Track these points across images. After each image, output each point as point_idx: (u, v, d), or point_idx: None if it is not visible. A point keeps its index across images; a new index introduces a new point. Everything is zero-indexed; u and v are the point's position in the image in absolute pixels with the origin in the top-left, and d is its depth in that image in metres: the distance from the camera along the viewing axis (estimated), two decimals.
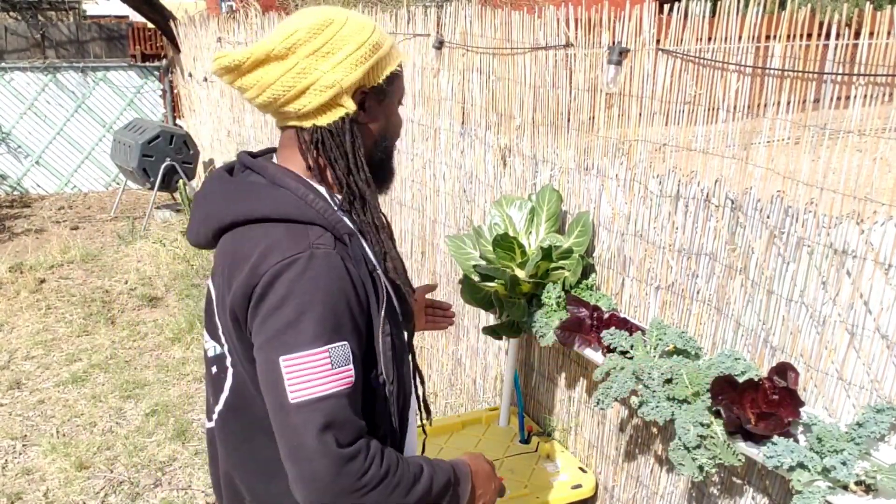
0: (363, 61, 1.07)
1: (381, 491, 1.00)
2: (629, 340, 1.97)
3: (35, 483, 2.98)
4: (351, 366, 1.02)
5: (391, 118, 1.16)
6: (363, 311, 1.06)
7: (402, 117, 1.20)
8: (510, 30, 2.51)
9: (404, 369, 1.18)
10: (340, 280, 1.02)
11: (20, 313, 4.65)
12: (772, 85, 1.72)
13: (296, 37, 1.04)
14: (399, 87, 1.16)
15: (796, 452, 1.51)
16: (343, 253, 1.05)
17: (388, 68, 1.11)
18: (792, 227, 1.67)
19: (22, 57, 8.01)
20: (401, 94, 1.17)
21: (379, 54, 1.09)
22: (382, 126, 1.15)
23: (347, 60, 1.06)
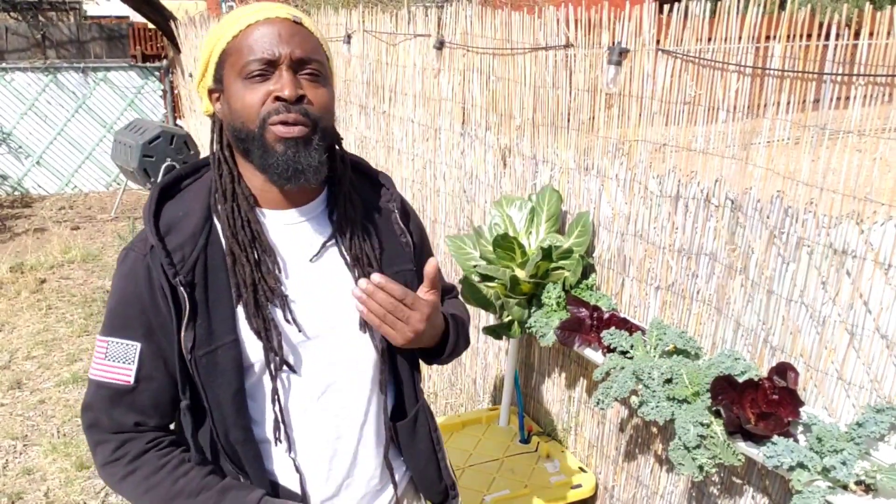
0: (202, 61, 1.08)
1: (128, 487, 1.06)
2: (629, 340, 1.97)
3: (36, 483, 2.98)
4: (131, 366, 1.05)
5: (230, 102, 1.05)
6: (161, 321, 1.05)
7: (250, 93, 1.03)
8: (510, 30, 2.52)
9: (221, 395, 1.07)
10: (136, 285, 1.05)
11: (21, 313, 4.65)
12: (772, 85, 1.72)
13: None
14: (230, 68, 1.03)
15: (796, 452, 1.51)
16: (151, 260, 1.04)
17: (215, 56, 1.05)
18: (792, 227, 1.68)
19: (23, 57, 8.01)
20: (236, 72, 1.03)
21: (207, 49, 1.06)
22: (226, 115, 1.07)
23: (198, 63, 1.11)
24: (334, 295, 1.13)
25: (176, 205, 1.09)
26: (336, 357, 1.13)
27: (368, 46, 3.60)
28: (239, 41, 1.02)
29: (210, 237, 1.07)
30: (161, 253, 1.03)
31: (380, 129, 3.64)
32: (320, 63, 1.05)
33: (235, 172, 1.09)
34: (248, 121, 1.02)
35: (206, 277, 1.06)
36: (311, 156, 1.04)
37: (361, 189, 1.20)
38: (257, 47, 1.01)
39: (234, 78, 1.03)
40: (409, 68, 3.24)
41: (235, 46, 1.02)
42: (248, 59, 1.01)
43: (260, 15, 1.02)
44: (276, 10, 1.03)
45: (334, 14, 4.00)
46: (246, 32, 1.02)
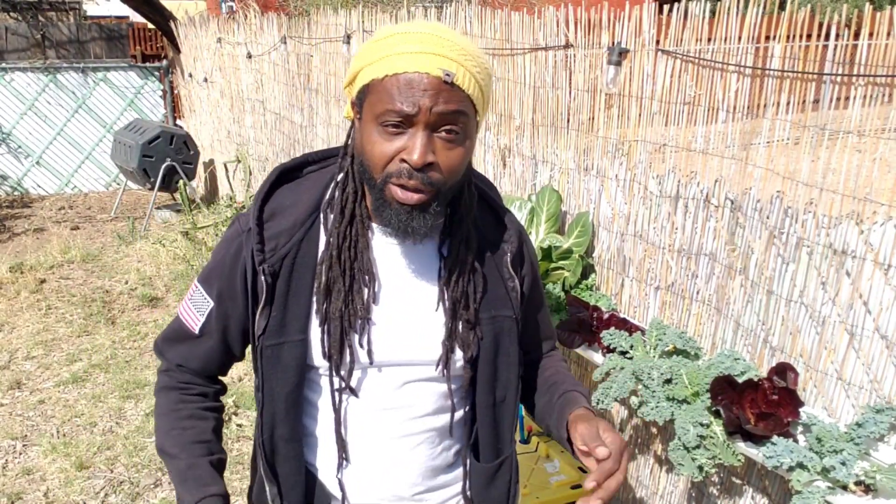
0: (351, 69, 1.04)
1: (156, 405, 1.18)
2: (629, 340, 1.97)
3: (35, 483, 2.98)
4: (201, 318, 1.13)
5: (362, 135, 1.00)
6: (232, 294, 1.10)
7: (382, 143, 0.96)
8: (510, 30, 2.51)
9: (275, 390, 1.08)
10: (226, 253, 1.10)
11: (20, 313, 4.65)
12: (771, 85, 1.72)
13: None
14: (370, 104, 0.96)
15: (796, 452, 1.51)
16: (245, 240, 1.07)
17: (362, 80, 0.99)
18: (791, 228, 1.68)
19: (22, 57, 8.01)
20: (373, 112, 0.96)
21: (356, 65, 1.01)
22: (360, 140, 1.01)
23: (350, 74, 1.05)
24: (421, 329, 1.09)
25: (289, 192, 1.09)
26: (407, 394, 1.10)
27: None
28: (382, 84, 0.94)
29: (309, 233, 1.07)
30: (255, 238, 1.05)
31: None
32: (465, 120, 0.96)
33: (360, 191, 1.05)
34: (373, 168, 0.97)
35: (292, 272, 1.06)
36: (426, 220, 0.99)
37: (482, 222, 1.14)
38: (397, 98, 0.93)
39: (371, 119, 0.96)
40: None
41: (378, 87, 0.95)
42: (386, 107, 0.94)
43: (410, 65, 0.93)
44: (427, 62, 0.93)
45: (333, 14, 4.00)
46: (391, 80, 0.94)
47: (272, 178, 1.09)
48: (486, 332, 1.11)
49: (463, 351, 1.09)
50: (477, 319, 1.10)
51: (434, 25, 0.98)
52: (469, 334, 1.09)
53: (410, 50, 0.94)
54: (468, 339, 1.09)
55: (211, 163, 7.08)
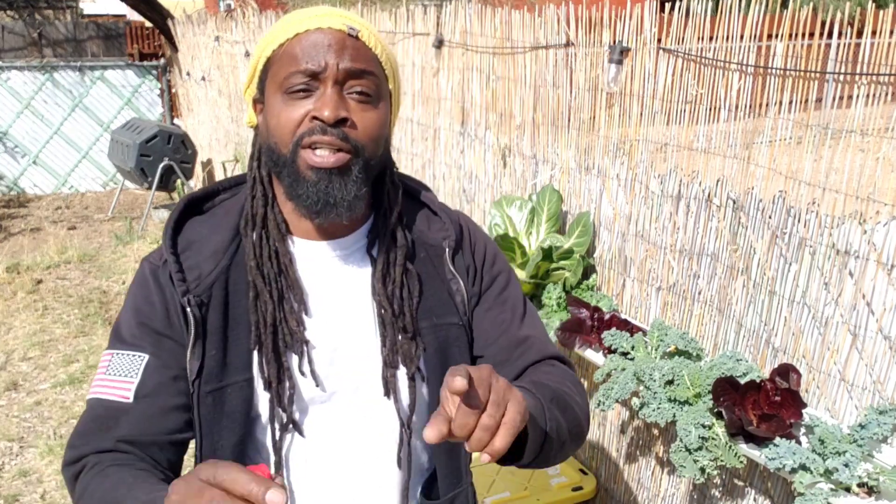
0: (250, 68, 0.96)
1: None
2: (630, 341, 1.96)
3: (32, 485, 2.96)
4: (132, 380, 0.92)
5: (267, 117, 0.94)
6: (173, 333, 0.94)
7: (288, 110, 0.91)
8: (510, 29, 2.50)
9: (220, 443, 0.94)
10: (148, 294, 0.95)
11: (17, 314, 4.63)
12: (774, 84, 1.71)
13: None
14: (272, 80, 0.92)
15: (798, 454, 1.50)
16: (163, 274, 0.95)
17: (260, 64, 0.94)
18: (794, 228, 1.66)
19: (19, 56, 7.99)
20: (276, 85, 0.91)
21: (255, 55, 0.95)
22: (265, 129, 0.95)
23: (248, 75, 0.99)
24: (359, 348, 0.97)
25: (203, 223, 0.99)
26: (353, 422, 0.98)
27: None
28: (284, 50, 0.90)
29: (235, 258, 0.96)
30: (173, 267, 0.94)
31: None
32: (375, 80, 0.91)
33: (270, 195, 0.97)
34: (282, 142, 0.90)
35: (226, 302, 0.94)
36: (348, 188, 0.90)
37: (414, 222, 1.03)
38: (302, 57, 0.88)
39: (275, 91, 0.91)
40: (407, 67, 3.23)
41: (280, 55, 0.90)
42: (289, 70, 0.89)
43: (311, 23, 0.89)
44: (330, 19, 0.90)
45: None
46: (293, 42, 0.89)
47: (180, 207, 0.98)
48: (429, 342, 0.98)
49: (405, 366, 0.97)
50: (416, 329, 0.97)
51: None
52: (410, 346, 0.96)
53: (310, 15, 0.91)
54: (409, 352, 0.97)
55: (209, 162, 7.06)
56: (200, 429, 0.94)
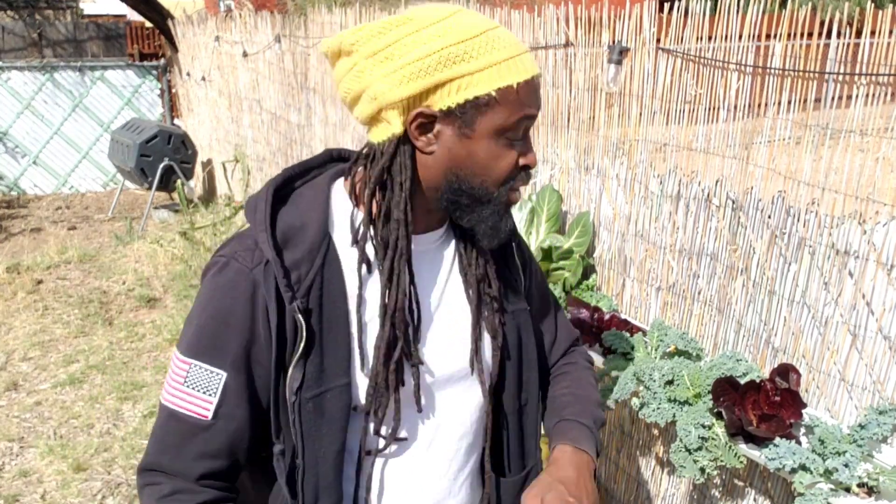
0: (420, 75, 0.84)
1: None
2: (630, 341, 1.96)
3: (32, 485, 2.96)
4: (212, 398, 0.90)
5: (474, 154, 0.88)
6: (257, 350, 0.91)
7: (505, 156, 0.89)
8: (510, 29, 2.50)
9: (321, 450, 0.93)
10: (235, 302, 0.90)
11: (17, 314, 4.63)
12: (773, 84, 1.70)
13: (363, 32, 0.87)
14: (491, 118, 0.86)
15: (798, 454, 1.50)
16: (259, 277, 0.89)
17: (468, 91, 0.84)
18: (794, 228, 1.66)
19: (19, 56, 7.99)
20: (498, 126, 0.87)
21: (453, 71, 0.84)
22: (454, 160, 0.88)
23: (400, 72, 0.84)
24: (454, 332, 1.00)
25: (292, 211, 0.94)
26: (447, 405, 1.01)
27: None
28: (517, 92, 0.86)
29: (328, 256, 0.92)
30: (279, 271, 0.88)
31: None
32: None
33: (409, 217, 0.92)
34: (491, 182, 0.90)
35: (322, 305, 0.91)
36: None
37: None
38: (531, 103, 0.88)
39: (491, 132, 0.87)
40: None
41: (509, 96, 0.86)
42: (519, 115, 0.87)
43: (533, 68, 0.88)
44: (535, 64, 0.90)
45: (328, 13, 3.98)
46: (524, 87, 0.87)
47: (269, 198, 0.93)
48: (510, 325, 1.04)
49: (493, 337, 1.01)
50: (502, 307, 1.03)
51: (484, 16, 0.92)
52: (495, 319, 1.01)
53: (519, 51, 0.88)
54: (495, 325, 1.01)
55: (209, 162, 7.06)
56: (302, 436, 0.92)
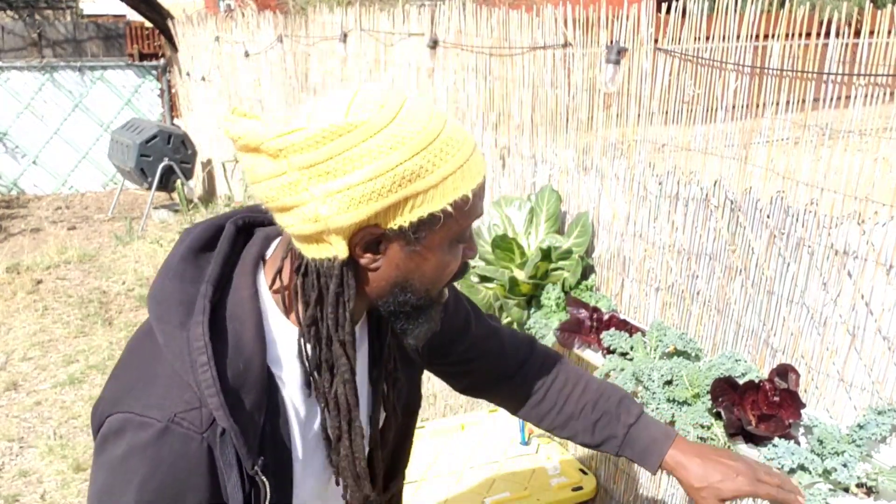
0: (372, 198, 0.74)
1: None
2: (629, 342, 1.96)
3: (32, 485, 2.96)
4: None
5: (423, 266, 0.81)
6: None
7: (454, 259, 0.85)
8: (508, 29, 2.50)
9: None
10: (195, 477, 0.78)
11: (17, 314, 4.63)
12: (771, 84, 1.70)
13: (294, 138, 0.73)
14: (444, 231, 0.79)
15: (797, 454, 1.50)
16: (213, 442, 0.77)
17: (422, 208, 0.76)
18: (792, 228, 1.66)
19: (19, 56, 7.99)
20: (451, 237, 0.81)
21: (407, 191, 0.75)
22: (401, 274, 0.82)
23: (347, 193, 0.73)
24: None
25: (233, 355, 0.81)
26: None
27: (366, 45, 3.59)
28: (468, 204, 0.80)
29: (271, 391, 0.84)
30: (239, 438, 0.78)
31: None
32: None
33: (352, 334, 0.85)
34: (437, 285, 0.85)
35: (275, 447, 0.85)
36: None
37: None
38: (479, 207, 0.82)
39: (443, 243, 0.81)
40: (404, 67, 3.23)
41: (462, 208, 0.79)
42: (469, 220, 0.82)
43: (482, 167, 0.82)
44: (482, 160, 0.83)
45: (329, 13, 3.98)
46: (476, 192, 0.81)
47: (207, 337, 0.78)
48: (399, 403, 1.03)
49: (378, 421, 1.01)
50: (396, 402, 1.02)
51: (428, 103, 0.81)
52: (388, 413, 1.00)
53: (470, 150, 0.81)
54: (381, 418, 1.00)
55: (209, 162, 7.06)
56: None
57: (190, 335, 0.79)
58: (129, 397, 0.80)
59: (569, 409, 1.15)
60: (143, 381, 0.81)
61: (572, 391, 1.16)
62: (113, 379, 0.86)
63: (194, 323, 0.79)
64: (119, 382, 0.84)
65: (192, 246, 0.86)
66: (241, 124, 0.77)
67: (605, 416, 1.13)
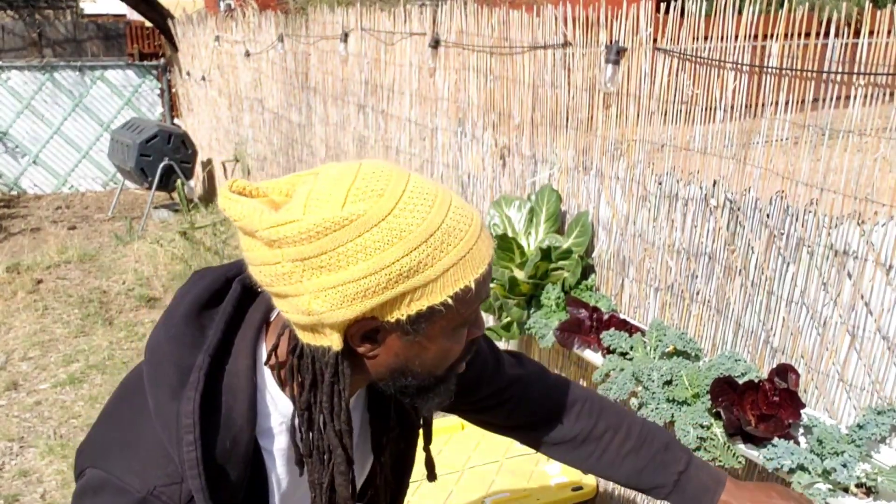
0: (367, 295, 0.72)
1: None
2: (629, 342, 1.96)
3: (32, 485, 2.97)
4: None
5: (424, 355, 0.80)
6: None
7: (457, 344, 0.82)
8: (508, 28, 2.50)
9: None
10: None
11: (17, 314, 4.63)
12: (770, 84, 1.70)
13: (287, 230, 0.71)
14: (446, 321, 0.77)
15: (796, 454, 1.50)
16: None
17: (421, 302, 0.74)
18: (792, 228, 1.66)
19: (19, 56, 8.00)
20: (453, 326, 0.79)
21: (405, 286, 0.72)
22: (400, 361, 0.80)
23: (341, 290, 0.71)
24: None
25: (222, 435, 0.79)
26: None
27: (367, 45, 3.59)
28: (472, 293, 0.77)
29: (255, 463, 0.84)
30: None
31: (378, 129, 3.62)
32: None
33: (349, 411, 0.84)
34: (437, 370, 0.82)
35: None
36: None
37: None
38: (485, 288, 0.79)
39: (444, 333, 0.79)
40: (405, 67, 3.23)
41: (465, 299, 0.77)
42: (474, 306, 0.79)
43: (488, 251, 0.78)
44: (489, 241, 0.79)
45: (330, 13, 3.98)
46: (481, 280, 0.77)
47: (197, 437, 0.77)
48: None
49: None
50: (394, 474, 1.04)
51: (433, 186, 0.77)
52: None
53: (476, 234, 0.77)
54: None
55: (209, 162, 7.06)
56: None
57: (180, 409, 0.77)
58: (112, 456, 0.80)
59: (609, 457, 1.12)
60: (128, 442, 0.81)
61: (613, 438, 1.12)
62: (99, 426, 0.86)
63: (186, 397, 0.78)
64: (104, 434, 0.84)
65: (198, 300, 0.86)
66: (238, 206, 0.74)
67: (652, 463, 1.10)
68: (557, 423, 1.13)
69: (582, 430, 1.12)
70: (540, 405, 1.14)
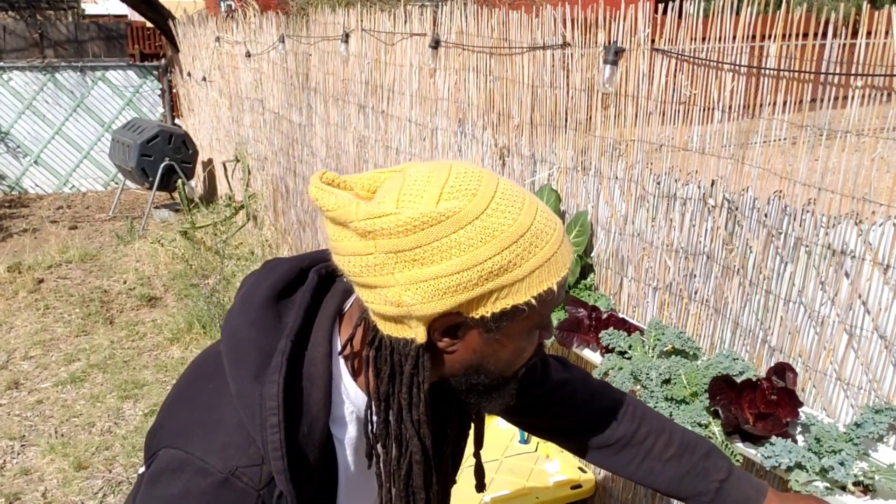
0: (458, 291, 0.74)
1: None
2: (627, 340, 1.97)
3: (33, 483, 2.98)
4: None
5: (500, 353, 0.82)
6: None
7: (531, 345, 0.85)
8: (508, 29, 2.51)
9: None
10: None
11: (18, 313, 4.64)
12: (768, 85, 1.71)
13: (384, 222, 0.72)
14: (526, 322, 0.80)
15: (794, 453, 1.51)
16: (268, 500, 0.79)
17: (506, 300, 0.76)
18: (790, 228, 1.67)
19: (20, 56, 8.01)
20: (531, 326, 0.81)
21: (494, 284, 0.74)
22: (477, 358, 0.82)
23: (432, 283, 0.73)
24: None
25: (303, 420, 0.81)
26: None
27: (367, 45, 3.59)
28: (552, 295, 0.79)
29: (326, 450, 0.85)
30: (293, 501, 0.79)
31: (378, 129, 3.63)
32: None
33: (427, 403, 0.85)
34: (508, 370, 0.85)
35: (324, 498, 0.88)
36: None
37: None
38: (561, 297, 0.82)
39: (523, 333, 0.81)
40: (405, 67, 3.24)
41: (545, 301, 0.79)
42: (550, 308, 0.82)
43: (569, 256, 0.80)
44: (569, 248, 0.81)
45: (331, 13, 3.99)
46: (560, 283, 0.80)
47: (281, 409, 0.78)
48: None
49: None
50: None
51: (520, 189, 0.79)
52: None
53: (559, 240, 0.79)
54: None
55: (210, 162, 7.07)
56: None
57: (264, 392, 0.78)
58: (191, 437, 0.81)
59: (650, 463, 1.12)
60: (208, 423, 0.81)
61: (655, 443, 1.12)
62: (174, 407, 0.87)
63: (270, 380, 0.79)
64: (181, 415, 0.85)
65: (274, 288, 0.87)
66: (331, 197, 0.76)
67: (693, 470, 1.10)
68: (601, 428, 1.13)
69: (624, 434, 1.12)
70: (584, 409, 1.14)
